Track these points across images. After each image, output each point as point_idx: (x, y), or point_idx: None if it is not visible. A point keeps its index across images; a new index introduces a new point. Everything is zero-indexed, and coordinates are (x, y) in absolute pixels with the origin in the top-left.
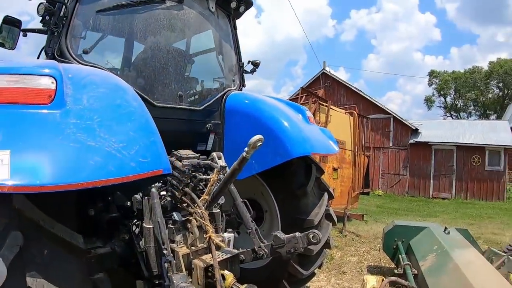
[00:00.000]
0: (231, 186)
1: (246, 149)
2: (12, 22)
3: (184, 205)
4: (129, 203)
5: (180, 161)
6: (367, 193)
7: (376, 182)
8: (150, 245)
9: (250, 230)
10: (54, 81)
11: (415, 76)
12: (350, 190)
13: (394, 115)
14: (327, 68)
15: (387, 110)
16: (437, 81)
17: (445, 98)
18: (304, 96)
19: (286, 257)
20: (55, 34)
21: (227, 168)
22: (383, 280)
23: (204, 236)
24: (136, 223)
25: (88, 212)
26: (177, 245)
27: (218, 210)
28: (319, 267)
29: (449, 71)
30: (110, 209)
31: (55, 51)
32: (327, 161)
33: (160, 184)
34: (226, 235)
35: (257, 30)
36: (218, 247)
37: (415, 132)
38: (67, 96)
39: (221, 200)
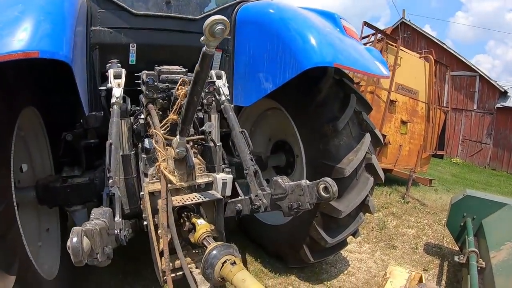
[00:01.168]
0: (230, 112)
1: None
2: None
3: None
4: None
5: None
6: (441, 156)
7: (454, 149)
8: (120, 177)
9: (246, 171)
10: None
11: (509, 33)
12: (421, 150)
13: (481, 73)
14: (406, 17)
15: (473, 67)
16: None
17: None
18: (371, 36)
19: (288, 214)
20: None
21: (219, 88)
22: (420, 279)
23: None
24: None
25: (66, 137)
26: (150, 180)
27: (212, 144)
28: (354, 235)
29: None
30: (89, 135)
31: None
32: (394, 111)
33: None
34: (220, 175)
35: None
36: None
37: (504, 95)
38: None
39: (209, 127)
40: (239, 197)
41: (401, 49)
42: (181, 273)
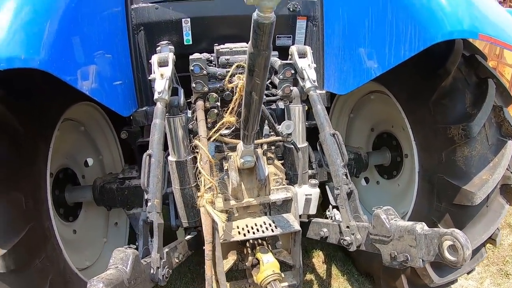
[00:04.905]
0: (318, 104)
1: None
2: None
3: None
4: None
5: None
6: None
7: None
8: (176, 186)
9: (338, 192)
10: None
11: None
12: None
13: None
14: None
15: None
16: None
17: None
18: None
19: (390, 264)
20: None
21: (303, 70)
22: None
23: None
24: None
25: (120, 135)
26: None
27: (306, 145)
28: (468, 272)
29: None
30: (145, 132)
31: None
32: None
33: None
34: (303, 189)
35: None
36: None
37: None
38: None
39: (286, 129)
40: (328, 218)
41: None
42: None
